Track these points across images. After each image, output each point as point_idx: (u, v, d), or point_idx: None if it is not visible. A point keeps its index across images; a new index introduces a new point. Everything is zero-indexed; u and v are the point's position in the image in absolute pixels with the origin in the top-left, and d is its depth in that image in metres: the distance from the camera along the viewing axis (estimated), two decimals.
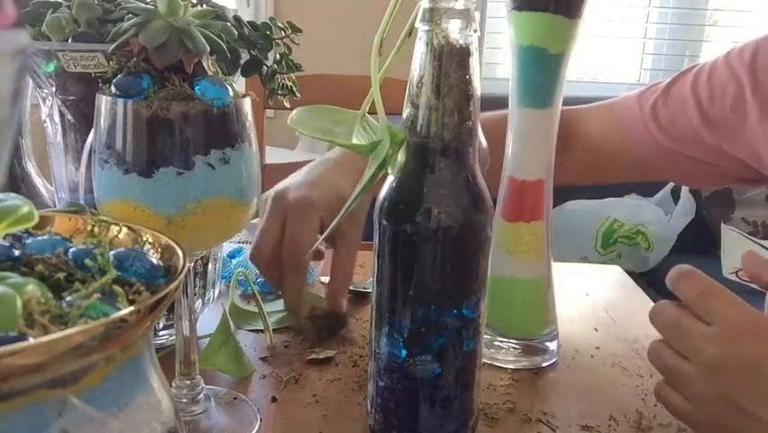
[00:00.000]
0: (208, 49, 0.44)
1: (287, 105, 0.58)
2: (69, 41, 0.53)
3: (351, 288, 0.77)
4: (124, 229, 0.30)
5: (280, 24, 0.58)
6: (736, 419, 0.43)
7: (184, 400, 0.50)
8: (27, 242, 0.27)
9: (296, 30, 0.58)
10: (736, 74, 0.74)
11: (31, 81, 0.57)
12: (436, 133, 0.43)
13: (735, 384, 0.42)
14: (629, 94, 0.82)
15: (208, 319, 0.65)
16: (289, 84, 0.58)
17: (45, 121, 0.59)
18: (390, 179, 0.45)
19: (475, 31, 0.43)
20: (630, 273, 0.93)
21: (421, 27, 0.43)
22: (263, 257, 0.63)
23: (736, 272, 1.73)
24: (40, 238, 0.27)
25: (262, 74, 0.57)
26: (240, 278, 0.78)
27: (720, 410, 0.43)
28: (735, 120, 0.74)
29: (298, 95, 0.58)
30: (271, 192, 0.65)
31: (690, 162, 0.78)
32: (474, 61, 0.43)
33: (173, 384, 0.50)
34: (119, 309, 0.22)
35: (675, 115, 0.77)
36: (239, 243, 0.86)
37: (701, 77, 0.76)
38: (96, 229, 0.29)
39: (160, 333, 0.60)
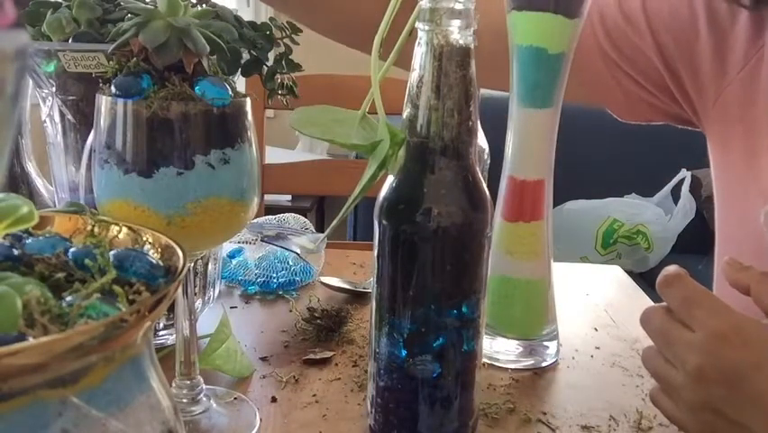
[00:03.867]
0: (208, 49, 0.44)
1: (284, 102, 0.58)
2: (70, 41, 0.53)
3: (351, 288, 0.77)
4: (124, 229, 0.30)
5: (280, 25, 0.58)
6: (723, 426, 0.42)
7: (184, 400, 0.50)
8: (27, 242, 0.27)
9: (295, 30, 0.58)
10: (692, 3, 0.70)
11: (31, 81, 0.57)
12: (436, 133, 0.43)
13: (718, 393, 0.42)
14: None
15: (208, 319, 0.65)
16: (289, 84, 0.58)
17: (45, 121, 0.59)
18: (390, 179, 0.45)
19: (475, 31, 0.43)
20: (630, 273, 0.93)
21: (421, 27, 0.43)
22: None
23: None
24: (40, 238, 0.27)
25: (262, 74, 0.57)
26: (240, 278, 0.78)
27: (707, 418, 0.43)
28: (676, 46, 0.70)
29: (298, 95, 0.58)
30: None
31: (628, 81, 0.74)
32: (474, 61, 0.43)
33: (173, 384, 0.50)
34: (119, 309, 0.22)
35: (622, 24, 0.73)
36: (239, 243, 0.86)
37: None
38: (95, 229, 0.29)
39: (160, 333, 0.60)
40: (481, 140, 0.71)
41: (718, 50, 0.69)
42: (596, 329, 0.72)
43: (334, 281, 0.78)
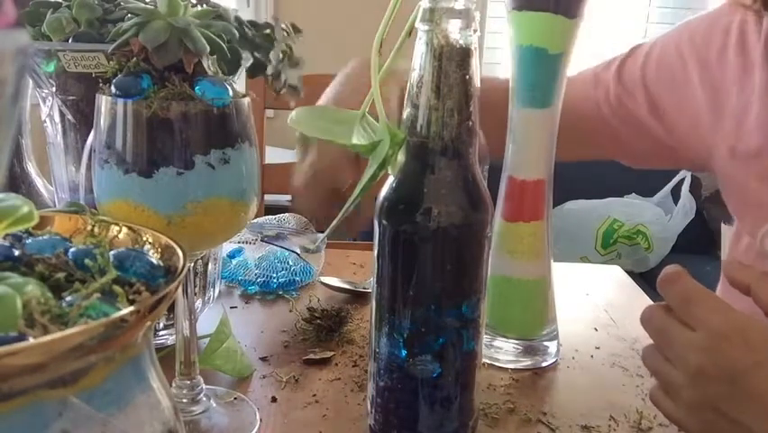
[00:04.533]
0: (208, 49, 0.44)
1: (292, 105, 0.58)
2: (70, 41, 0.53)
3: (351, 288, 0.77)
4: (124, 229, 0.30)
5: (283, 26, 0.58)
6: (723, 425, 0.42)
7: (184, 400, 0.50)
8: (27, 242, 0.27)
9: (297, 31, 0.58)
10: (683, 57, 0.74)
11: (31, 81, 0.57)
12: (436, 133, 0.43)
13: (719, 392, 0.42)
14: (587, 69, 0.82)
15: (208, 319, 0.65)
16: (293, 83, 0.58)
17: (45, 121, 0.59)
18: (390, 179, 0.46)
19: (475, 31, 0.43)
20: (630, 273, 0.93)
21: (421, 27, 0.43)
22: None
23: None
24: (40, 238, 0.27)
25: (267, 75, 0.57)
26: (240, 278, 0.78)
27: (707, 417, 0.43)
28: (681, 106, 0.74)
29: (302, 91, 0.58)
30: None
31: (635, 142, 0.79)
32: (474, 61, 0.43)
33: (173, 384, 0.50)
34: (119, 309, 0.22)
35: (624, 97, 0.77)
36: (239, 243, 0.86)
37: (651, 58, 0.76)
38: (95, 229, 0.29)
39: (160, 333, 0.60)
40: (481, 139, 0.71)
41: (714, 99, 0.72)
42: (596, 329, 0.72)
43: (334, 281, 0.78)
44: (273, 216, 0.91)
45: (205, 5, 0.54)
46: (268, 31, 0.57)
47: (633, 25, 2.59)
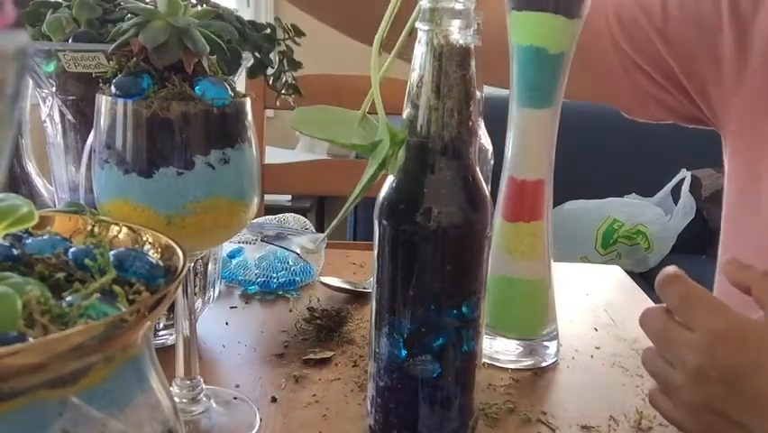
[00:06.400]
0: (208, 49, 0.44)
1: (291, 102, 0.58)
2: (70, 41, 0.53)
3: (351, 288, 0.77)
4: (124, 229, 0.30)
5: (285, 26, 0.58)
6: (722, 426, 0.42)
7: (184, 400, 0.50)
8: (27, 242, 0.27)
9: (299, 33, 0.58)
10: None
11: (31, 81, 0.57)
12: (436, 133, 0.43)
13: (717, 393, 0.42)
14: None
15: (208, 319, 0.65)
16: (293, 83, 0.58)
17: (45, 121, 0.59)
18: (390, 179, 0.46)
19: (477, 32, 0.43)
20: (630, 273, 0.93)
21: (421, 27, 0.43)
22: None
23: None
24: (40, 238, 0.27)
25: (267, 75, 0.57)
26: (240, 278, 0.78)
27: (706, 418, 0.43)
28: (698, 37, 0.70)
29: (302, 93, 0.59)
30: None
31: (641, 76, 0.75)
32: (474, 61, 0.43)
33: (173, 384, 0.50)
34: (119, 309, 0.22)
35: (639, 16, 0.73)
36: (239, 243, 0.86)
37: None
38: (95, 229, 0.29)
39: (160, 333, 0.60)
40: (486, 141, 0.71)
41: (740, 39, 0.68)
42: (596, 329, 0.71)
43: (334, 281, 0.78)
44: (273, 216, 0.91)
45: (205, 5, 0.54)
46: (268, 31, 0.57)
47: None
